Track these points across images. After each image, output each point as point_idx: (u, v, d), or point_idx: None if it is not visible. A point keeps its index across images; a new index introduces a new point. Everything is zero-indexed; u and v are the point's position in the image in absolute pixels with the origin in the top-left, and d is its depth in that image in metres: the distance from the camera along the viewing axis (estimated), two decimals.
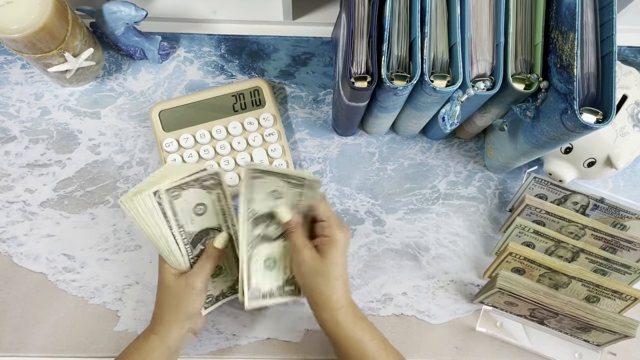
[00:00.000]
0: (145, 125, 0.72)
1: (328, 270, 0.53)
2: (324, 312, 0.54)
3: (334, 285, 0.53)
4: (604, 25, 0.50)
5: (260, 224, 0.56)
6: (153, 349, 0.54)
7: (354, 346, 0.53)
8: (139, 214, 0.51)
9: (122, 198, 0.52)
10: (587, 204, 0.65)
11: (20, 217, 0.68)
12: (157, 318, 0.55)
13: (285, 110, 0.74)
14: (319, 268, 0.53)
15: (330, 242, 0.54)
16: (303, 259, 0.54)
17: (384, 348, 0.54)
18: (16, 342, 0.65)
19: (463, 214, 0.71)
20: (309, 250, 0.54)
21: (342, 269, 0.54)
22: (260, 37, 0.75)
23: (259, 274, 0.57)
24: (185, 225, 0.54)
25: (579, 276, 0.60)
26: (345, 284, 0.55)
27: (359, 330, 0.54)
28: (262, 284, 0.57)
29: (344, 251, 0.55)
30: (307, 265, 0.53)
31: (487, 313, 0.66)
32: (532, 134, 0.57)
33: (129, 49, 0.71)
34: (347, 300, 0.55)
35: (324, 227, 0.55)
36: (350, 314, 0.54)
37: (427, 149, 0.73)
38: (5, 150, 0.70)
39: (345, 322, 0.53)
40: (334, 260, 0.53)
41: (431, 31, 0.53)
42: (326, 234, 0.55)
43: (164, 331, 0.54)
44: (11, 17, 0.56)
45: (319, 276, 0.53)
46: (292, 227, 0.55)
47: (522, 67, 0.54)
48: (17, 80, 0.72)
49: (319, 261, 0.53)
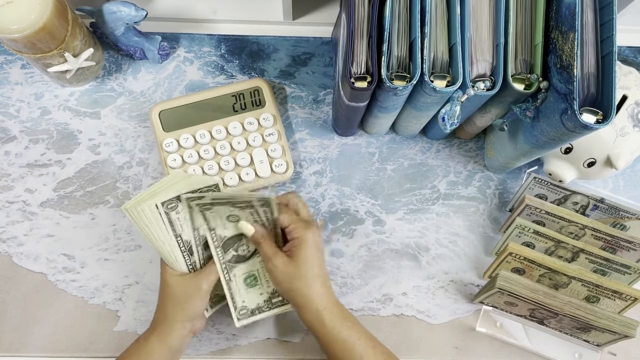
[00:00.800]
0: (145, 125, 0.72)
1: (303, 272, 0.53)
2: (308, 314, 0.53)
3: (312, 285, 0.53)
4: (604, 25, 0.50)
5: (230, 247, 0.56)
6: (154, 350, 0.54)
7: (341, 346, 0.53)
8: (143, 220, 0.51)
9: (126, 206, 0.51)
10: (587, 204, 0.65)
11: (20, 217, 0.68)
12: (159, 318, 0.55)
13: (285, 110, 0.74)
14: (292, 272, 0.53)
15: (300, 244, 0.53)
16: (275, 266, 0.53)
17: (372, 346, 0.54)
18: (16, 342, 0.65)
19: (463, 214, 0.71)
20: (279, 257, 0.54)
21: (318, 268, 0.54)
22: (260, 37, 0.75)
23: (242, 293, 0.58)
24: (184, 233, 0.54)
25: (579, 276, 0.60)
26: (325, 284, 0.55)
27: (345, 330, 0.53)
28: (248, 301, 0.58)
29: (317, 248, 0.54)
30: (280, 272, 0.53)
31: (487, 313, 0.66)
32: (532, 134, 0.57)
33: (129, 49, 0.71)
34: (331, 300, 0.54)
35: (290, 231, 0.55)
36: (335, 314, 0.54)
37: (427, 149, 0.73)
38: (5, 150, 0.70)
39: (331, 323, 0.53)
40: (306, 259, 0.53)
41: (431, 31, 0.53)
42: (294, 236, 0.54)
43: (165, 332, 0.54)
44: (11, 17, 0.56)
45: (295, 280, 0.53)
46: (258, 239, 0.55)
47: (522, 67, 0.54)
48: (17, 80, 0.72)
49: (291, 265, 0.53)
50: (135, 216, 0.51)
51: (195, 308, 0.55)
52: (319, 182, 0.71)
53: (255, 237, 0.55)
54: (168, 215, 0.52)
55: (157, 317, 0.56)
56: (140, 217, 0.51)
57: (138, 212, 0.51)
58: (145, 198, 0.52)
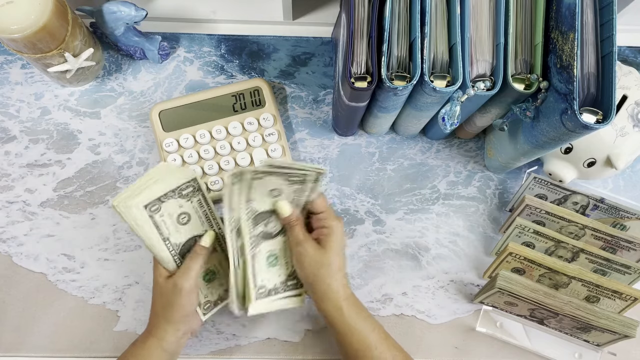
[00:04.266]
0: (145, 125, 0.72)
1: (330, 261, 0.54)
2: (329, 303, 0.54)
3: (336, 276, 0.54)
4: (604, 25, 0.50)
5: (260, 222, 0.56)
6: (150, 353, 0.54)
7: (357, 337, 0.54)
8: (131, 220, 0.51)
9: (114, 202, 0.50)
10: (587, 204, 0.65)
11: (20, 217, 0.68)
12: (153, 320, 0.55)
13: (285, 110, 0.74)
14: (321, 259, 0.54)
15: (330, 233, 0.54)
16: (306, 251, 0.54)
17: (385, 338, 0.55)
18: (16, 342, 0.65)
19: (463, 214, 0.71)
20: (311, 243, 0.54)
21: (343, 261, 0.55)
22: (260, 37, 0.75)
23: (263, 271, 0.57)
24: (171, 236, 0.54)
25: (579, 276, 0.60)
26: (345, 276, 0.56)
27: (362, 321, 0.54)
28: (267, 280, 0.58)
29: (342, 242, 0.55)
30: (310, 258, 0.54)
31: (487, 313, 0.66)
32: (532, 134, 0.57)
33: (129, 49, 0.71)
34: (349, 291, 0.56)
35: (321, 218, 0.56)
36: (352, 305, 0.55)
37: (427, 149, 0.73)
38: (5, 150, 0.70)
39: (348, 313, 0.54)
40: (335, 250, 0.54)
41: (431, 31, 0.53)
42: (325, 225, 0.55)
43: (160, 334, 0.54)
44: (11, 17, 0.56)
45: (322, 267, 0.54)
46: (293, 222, 0.55)
47: (522, 67, 0.54)
48: (17, 80, 0.72)
49: (321, 253, 0.54)
50: (126, 215, 0.50)
51: (181, 309, 0.54)
52: None
53: (290, 218, 0.55)
54: (152, 218, 0.51)
55: (150, 319, 0.56)
56: (130, 215, 0.50)
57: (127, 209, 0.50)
58: (132, 195, 0.50)
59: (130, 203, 0.49)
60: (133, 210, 0.50)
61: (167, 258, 0.54)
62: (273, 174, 0.51)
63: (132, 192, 0.50)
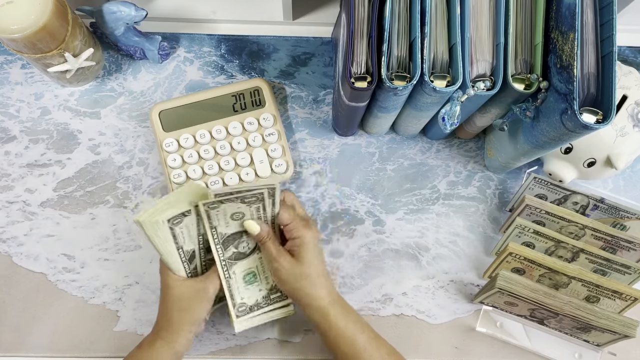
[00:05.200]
0: (145, 125, 0.72)
1: (308, 271, 0.54)
2: (314, 311, 0.54)
3: (317, 283, 0.54)
4: (604, 25, 0.50)
5: (230, 244, 0.56)
6: (161, 356, 0.53)
7: (345, 340, 0.54)
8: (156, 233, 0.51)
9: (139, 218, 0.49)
10: (587, 204, 0.65)
11: (20, 217, 0.68)
12: (164, 324, 0.55)
13: (285, 110, 0.74)
14: (298, 272, 0.53)
15: (301, 244, 0.54)
16: (282, 266, 0.54)
17: (374, 338, 0.55)
18: (16, 342, 0.65)
19: (463, 214, 0.71)
20: (285, 257, 0.54)
21: (321, 266, 0.55)
22: (260, 37, 0.75)
23: (241, 290, 0.58)
24: (185, 244, 0.54)
25: (579, 276, 0.60)
26: (328, 280, 0.55)
27: (350, 324, 0.54)
28: (247, 298, 0.58)
29: (316, 247, 0.55)
30: (287, 271, 0.54)
31: (487, 313, 0.66)
32: (532, 134, 0.57)
33: (129, 49, 0.71)
34: (334, 295, 0.55)
35: (290, 229, 0.55)
36: (339, 309, 0.55)
37: (427, 149, 0.73)
38: (5, 150, 0.70)
39: (335, 318, 0.54)
40: (310, 259, 0.54)
41: (431, 31, 0.53)
42: (295, 236, 0.55)
43: (171, 337, 0.54)
44: (11, 17, 0.56)
45: (301, 279, 0.54)
46: (263, 239, 0.55)
47: (522, 67, 0.54)
48: (17, 80, 0.72)
49: (296, 265, 0.54)
50: (149, 229, 0.50)
51: (201, 312, 0.55)
52: (319, 182, 0.71)
53: (261, 235, 0.55)
54: (173, 230, 0.52)
55: (160, 321, 0.55)
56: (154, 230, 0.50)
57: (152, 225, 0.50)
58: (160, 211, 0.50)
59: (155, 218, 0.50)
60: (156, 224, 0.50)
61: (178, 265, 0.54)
62: (225, 202, 0.51)
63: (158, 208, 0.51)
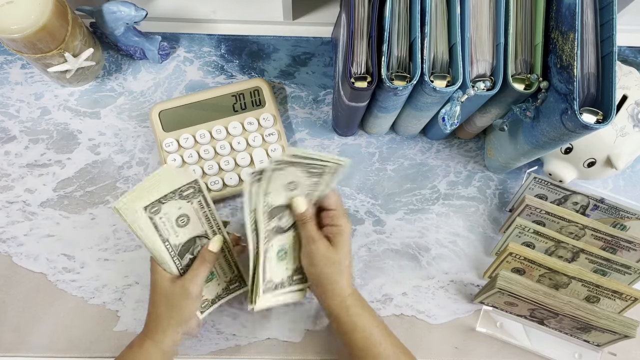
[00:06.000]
0: (145, 125, 0.72)
1: (340, 260, 0.54)
2: (334, 300, 0.55)
3: (343, 273, 0.55)
4: (604, 25, 0.50)
5: (275, 216, 0.55)
6: (149, 355, 0.54)
7: (362, 334, 0.54)
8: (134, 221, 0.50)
9: (116, 205, 0.49)
10: (587, 204, 0.65)
11: (20, 217, 0.68)
12: (152, 323, 0.55)
13: (285, 110, 0.74)
14: (332, 258, 0.54)
15: (341, 232, 0.55)
16: (318, 249, 0.54)
17: (388, 335, 0.56)
18: (16, 342, 0.65)
19: (463, 214, 0.71)
20: (323, 241, 0.55)
21: (349, 259, 0.56)
22: (260, 37, 0.75)
23: (272, 266, 0.57)
24: (170, 237, 0.53)
25: (579, 276, 0.60)
26: (350, 274, 0.57)
27: (366, 317, 0.55)
28: (275, 275, 0.58)
29: (350, 240, 0.56)
30: (322, 255, 0.54)
31: (487, 313, 0.66)
32: (532, 134, 0.57)
33: (129, 49, 0.71)
34: (355, 290, 0.57)
35: (332, 216, 0.56)
36: (357, 301, 0.56)
37: (427, 149, 0.73)
38: (5, 150, 0.70)
39: (354, 309, 0.55)
40: (345, 249, 0.55)
41: (431, 31, 0.53)
42: (336, 223, 0.55)
43: (159, 337, 0.54)
44: (11, 17, 0.56)
45: (332, 265, 0.54)
46: (306, 218, 0.55)
47: (522, 67, 0.54)
48: (17, 80, 0.72)
49: (332, 251, 0.54)
50: (127, 216, 0.50)
51: (187, 312, 0.54)
52: None
53: (304, 215, 0.55)
54: (152, 219, 0.51)
55: (149, 321, 0.55)
56: (133, 218, 0.50)
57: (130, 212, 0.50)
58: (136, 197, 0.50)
59: (131, 206, 0.49)
60: (134, 212, 0.50)
61: (167, 259, 0.54)
62: (295, 164, 0.51)
63: (134, 195, 0.50)
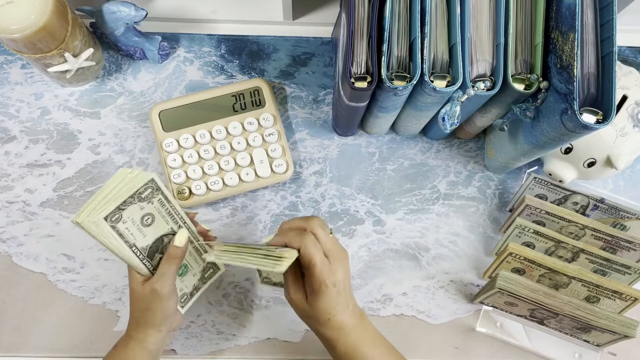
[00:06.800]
0: (145, 125, 0.72)
1: (318, 316, 0.50)
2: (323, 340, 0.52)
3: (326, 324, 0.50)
4: (604, 25, 0.50)
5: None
6: (134, 355, 0.53)
7: None
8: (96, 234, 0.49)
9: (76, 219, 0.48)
10: (587, 204, 0.65)
11: (20, 217, 0.68)
12: (132, 324, 0.55)
13: (285, 110, 0.74)
14: (308, 312, 0.51)
15: (321, 291, 0.48)
16: (292, 300, 0.51)
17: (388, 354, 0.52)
18: (16, 342, 0.65)
19: (463, 214, 0.71)
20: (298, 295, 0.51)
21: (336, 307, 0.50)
22: (260, 37, 0.75)
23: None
24: (137, 242, 0.52)
25: (579, 276, 0.60)
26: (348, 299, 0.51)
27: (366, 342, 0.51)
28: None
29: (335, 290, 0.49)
30: (297, 308, 0.52)
31: (487, 313, 0.66)
32: (532, 134, 0.57)
33: (129, 49, 0.71)
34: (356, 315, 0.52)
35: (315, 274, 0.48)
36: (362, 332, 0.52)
37: (427, 149, 0.73)
38: (5, 150, 0.70)
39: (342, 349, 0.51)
40: (324, 308, 0.49)
41: (431, 31, 0.53)
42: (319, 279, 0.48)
43: (141, 337, 0.54)
44: (11, 17, 0.56)
45: (309, 318, 0.52)
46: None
47: (522, 68, 0.54)
48: (17, 80, 0.72)
49: (307, 307, 0.50)
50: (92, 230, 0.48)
51: (162, 312, 0.53)
52: (319, 182, 0.71)
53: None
54: (115, 228, 0.50)
55: (130, 322, 0.55)
56: (95, 230, 0.49)
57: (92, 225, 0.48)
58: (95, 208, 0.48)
59: (91, 218, 0.48)
60: (96, 225, 0.48)
61: (137, 264, 0.53)
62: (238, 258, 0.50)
63: (92, 206, 0.49)
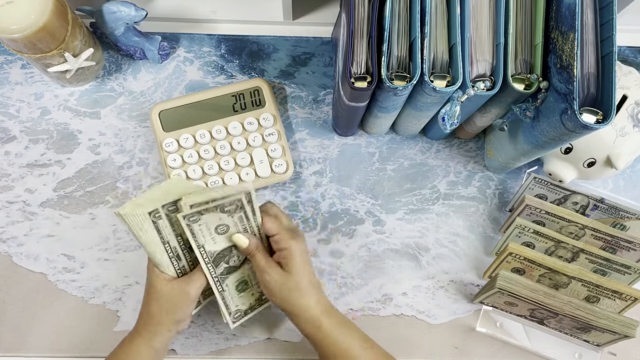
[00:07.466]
0: (145, 125, 0.72)
1: (297, 282, 0.53)
2: (304, 322, 0.53)
3: (306, 293, 0.53)
4: (604, 25, 0.50)
5: (221, 261, 0.55)
6: (140, 352, 0.54)
7: (338, 351, 0.53)
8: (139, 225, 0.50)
9: (121, 211, 0.49)
10: (587, 204, 0.65)
11: (20, 217, 0.68)
12: (145, 321, 0.55)
13: (285, 110, 0.74)
14: (287, 284, 0.53)
15: (289, 255, 0.53)
16: (271, 277, 0.53)
17: (370, 347, 0.54)
18: (16, 342, 0.65)
19: (463, 214, 0.71)
20: (274, 269, 0.53)
21: (310, 275, 0.54)
22: (260, 37, 0.75)
23: (235, 299, 0.58)
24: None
25: (579, 276, 0.60)
26: (319, 290, 0.55)
27: (343, 334, 0.53)
28: (241, 305, 0.58)
29: (304, 257, 0.54)
30: (276, 283, 0.53)
31: (487, 313, 0.66)
32: (532, 134, 0.57)
33: (129, 49, 0.71)
34: (326, 305, 0.54)
35: (277, 241, 0.54)
36: (330, 319, 0.54)
37: (427, 149, 0.73)
38: (5, 150, 0.70)
39: (328, 327, 0.53)
40: (298, 270, 0.53)
41: (431, 31, 0.53)
42: (281, 247, 0.53)
43: (151, 335, 0.54)
44: (11, 17, 0.56)
45: (290, 291, 0.53)
46: (252, 250, 0.54)
47: (522, 67, 0.54)
48: (17, 80, 0.72)
49: (286, 276, 0.53)
50: (131, 221, 0.50)
51: (182, 314, 0.54)
52: (319, 182, 0.71)
53: (249, 249, 0.54)
54: (155, 223, 0.51)
55: (141, 318, 0.55)
56: (136, 222, 0.50)
57: (134, 217, 0.49)
58: (142, 203, 0.50)
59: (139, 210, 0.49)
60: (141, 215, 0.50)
61: (166, 261, 0.54)
62: (204, 212, 0.50)
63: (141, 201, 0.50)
